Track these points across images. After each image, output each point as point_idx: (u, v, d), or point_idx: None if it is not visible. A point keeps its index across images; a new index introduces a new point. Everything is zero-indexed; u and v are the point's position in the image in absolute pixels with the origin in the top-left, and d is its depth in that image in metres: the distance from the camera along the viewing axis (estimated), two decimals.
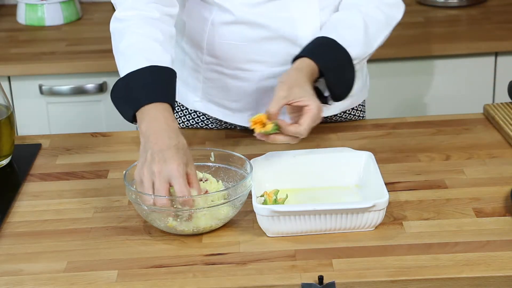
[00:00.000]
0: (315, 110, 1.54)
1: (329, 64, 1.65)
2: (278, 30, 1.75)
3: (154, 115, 1.52)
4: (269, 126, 1.52)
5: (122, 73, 1.59)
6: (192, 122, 1.92)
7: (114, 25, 1.67)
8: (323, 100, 1.69)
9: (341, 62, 1.67)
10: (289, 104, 1.56)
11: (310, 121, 1.54)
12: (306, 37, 1.72)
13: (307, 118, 1.54)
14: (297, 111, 1.57)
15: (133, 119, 1.57)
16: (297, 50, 1.69)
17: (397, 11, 1.79)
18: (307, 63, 1.63)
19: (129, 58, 1.60)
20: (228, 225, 1.50)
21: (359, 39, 1.70)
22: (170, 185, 1.44)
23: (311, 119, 1.54)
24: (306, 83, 1.58)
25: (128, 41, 1.62)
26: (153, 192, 1.43)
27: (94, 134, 1.90)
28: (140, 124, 1.52)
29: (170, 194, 1.44)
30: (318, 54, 1.65)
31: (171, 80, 1.59)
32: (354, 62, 1.69)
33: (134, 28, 1.63)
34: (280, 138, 1.54)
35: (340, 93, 1.69)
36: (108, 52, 2.50)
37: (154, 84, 1.56)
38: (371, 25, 1.73)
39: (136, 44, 1.61)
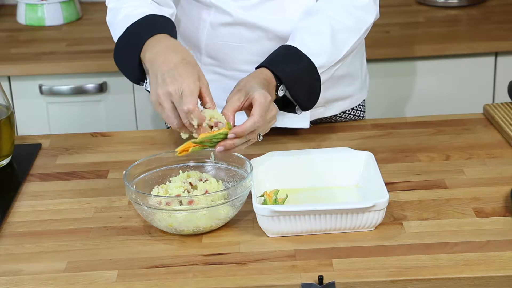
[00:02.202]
0: (261, 98, 1.51)
1: (288, 72, 1.61)
2: (276, 31, 1.75)
3: (154, 42, 1.56)
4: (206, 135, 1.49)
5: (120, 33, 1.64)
6: None
7: (108, 16, 1.71)
8: (292, 110, 1.68)
9: (304, 71, 1.63)
10: (242, 108, 1.54)
11: (260, 109, 1.50)
12: None
13: (255, 107, 1.51)
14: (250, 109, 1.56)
15: (140, 73, 1.59)
16: None
17: (369, 15, 1.74)
18: (260, 72, 1.61)
19: (126, 21, 1.63)
20: (228, 225, 1.50)
21: (325, 47, 1.66)
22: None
23: (258, 106, 1.51)
24: (254, 82, 1.56)
25: (123, 13, 1.66)
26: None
27: (94, 134, 1.90)
28: (145, 57, 1.56)
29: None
30: (277, 63, 1.62)
31: (169, 22, 1.63)
32: (320, 70, 1.65)
33: (127, 4, 1.67)
34: (237, 141, 1.50)
35: (305, 101, 1.66)
36: (108, 52, 2.52)
37: (153, 24, 1.60)
38: (339, 31, 1.69)
39: (131, 12, 1.65)
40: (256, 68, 1.64)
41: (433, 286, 1.34)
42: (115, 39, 1.66)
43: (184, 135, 1.52)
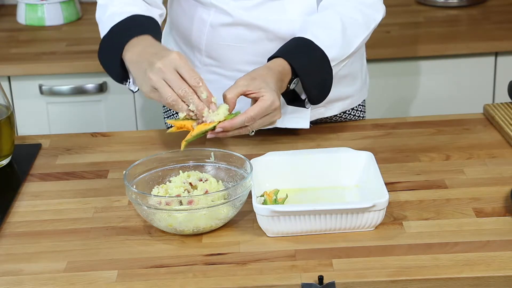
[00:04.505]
0: (268, 102, 1.52)
1: (303, 64, 1.62)
2: (276, 31, 1.75)
3: (135, 43, 1.56)
4: (200, 128, 1.51)
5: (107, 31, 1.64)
6: None
7: (98, 13, 1.72)
8: (301, 103, 1.68)
9: (317, 63, 1.64)
10: (247, 95, 1.54)
11: (257, 110, 1.51)
12: None
13: (255, 106, 1.51)
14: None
15: (122, 73, 1.59)
16: None
17: (377, 12, 1.76)
18: (278, 63, 1.61)
19: (112, 20, 1.64)
20: (228, 225, 1.50)
21: (337, 40, 1.67)
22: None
23: (259, 108, 1.51)
24: (270, 79, 1.56)
25: (110, 11, 1.66)
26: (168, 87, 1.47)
27: (94, 134, 1.90)
28: (125, 57, 1.56)
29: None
30: (292, 54, 1.63)
31: (154, 23, 1.64)
32: (332, 63, 1.66)
33: (116, 2, 1.68)
34: (229, 133, 1.52)
35: (316, 95, 1.66)
36: None
37: (136, 25, 1.60)
38: (349, 26, 1.70)
39: (118, 10, 1.66)
40: (270, 58, 1.63)
41: (433, 286, 1.34)
42: (102, 35, 1.67)
43: (182, 114, 1.51)
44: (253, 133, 1.54)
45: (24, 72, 2.55)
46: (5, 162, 1.75)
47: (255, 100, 1.54)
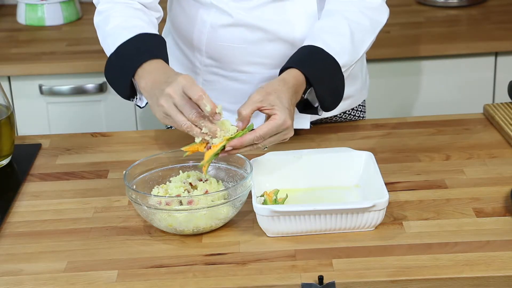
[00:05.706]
0: (279, 121, 1.49)
1: (317, 73, 1.61)
2: (277, 32, 1.75)
3: (149, 69, 1.55)
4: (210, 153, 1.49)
5: (113, 49, 1.61)
6: None
7: (98, 19, 1.70)
8: (314, 111, 1.67)
9: (329, 71, 1.64)
10: (261, 111, 1.52)
11: (267, 129, 1.49)
12: (304, 39, 1.72)
13: (266, 125, 1.49)
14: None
15: (130, 91, 1.59)
16: None
17: (382, 15, 1.76)
18: (293, 75, 1.60)
19: (117, 35, 1.62)
20: (228, 225, 1.50)
21: (346, 46, 1.67)
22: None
23: (269, 127, 1.49)
24: (285, 95, 1.54)
25: (114, 23, 1.65)
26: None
27: (94, 134, 1.90)
28: (140, 84, 1.55)
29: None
30: (306, 64, 1.62)
31: (161, 43, 1.63)
32: (343, 69, 1.65)
33: (118, 13, 1.67)
34: (241, 150, 1.50)
35: (329, 102, 1.65)
36: None
37: (146, 47, 1.59)
38: (356, 31, 1.70)
39: (122, 23, 1.64)
40: (283, 68, 1.62)
41: (433, 286, 1.34)
42: (105, 47, 1.66)
43: (198, 139, 1.48)
44: (266, 148, 1.53)
45: (24, 72, 2.55)
46: (5, 162, 1.75)
47: (268, 116, 1.53)
